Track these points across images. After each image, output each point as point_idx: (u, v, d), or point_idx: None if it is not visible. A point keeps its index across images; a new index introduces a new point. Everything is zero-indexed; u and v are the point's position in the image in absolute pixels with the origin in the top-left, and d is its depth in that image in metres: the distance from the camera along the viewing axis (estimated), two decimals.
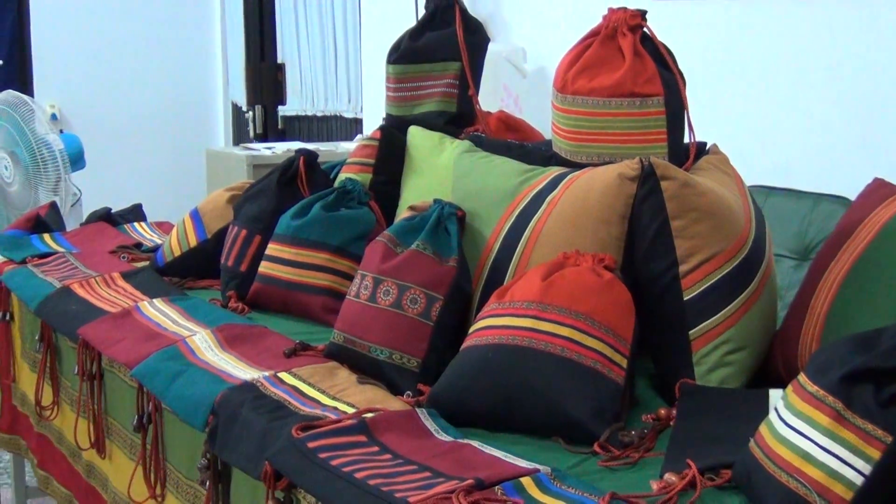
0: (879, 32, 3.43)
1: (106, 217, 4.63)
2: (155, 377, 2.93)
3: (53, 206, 4.84)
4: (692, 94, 2.89)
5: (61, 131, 6.60)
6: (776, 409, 2.03)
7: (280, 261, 3.35)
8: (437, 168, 3.38)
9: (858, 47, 3.50)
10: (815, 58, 3.64)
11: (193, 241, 3.77)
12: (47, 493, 3.89)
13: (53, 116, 7.28)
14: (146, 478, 3.04)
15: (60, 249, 4.20)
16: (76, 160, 6.22)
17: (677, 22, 3.92)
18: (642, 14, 2.85)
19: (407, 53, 3.67)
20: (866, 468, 1.85)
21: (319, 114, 7.00)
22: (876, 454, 1.85)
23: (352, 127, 6.69)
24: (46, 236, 4.39)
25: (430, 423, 2.43)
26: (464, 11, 3.72)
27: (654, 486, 2.08)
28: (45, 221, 4.57)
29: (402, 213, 3.02)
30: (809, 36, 3.65)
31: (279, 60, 7.32)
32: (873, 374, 1.90)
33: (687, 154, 2.87)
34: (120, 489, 3.27)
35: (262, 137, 7.39)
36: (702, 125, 2.95)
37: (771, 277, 2.76)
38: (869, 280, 2.49)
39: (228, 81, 7.73)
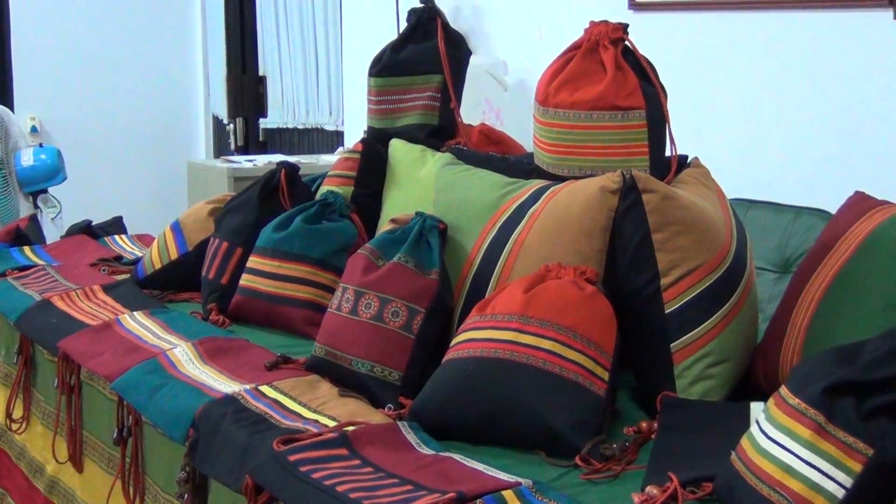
0: (859, 49, 3.44)
1: (86, 230, 4.61)
2: (135, 390, 2.92)
3: (34, 219, 4.82)
4: (673, 108, 2.90)
5: (41, 144, 6.58)
6: (757, 422, 2.03)
7: (261, 273, 3.34)
8: (419, 181, 3.39)
9: (839, 63, 3.52)
10: (795, 73, 3.65)
11: (174, 254, 3.76)
12: None
13: (34, 129, 7.27)
14: (125, 491, 3.03)
15: (41, 262, 4.18)
16: (53, 174, 6.20)
17: (659, 36, 3.93)
18: (624, 27, 2.86)
19: (389, 66, 3.67)
20: (847, 481, 1.85)
21: (301, 126, 6.99)
22: (857, 467, 1.85)
23: (333, 139, 6.69)
24: (26, 249, 4.37)
25: (411, 437, 2.43)
26: (446, 25, 3.72)
27: (636, 499, 2.08)
28: (26, 234, 4.55)
29: (384, 226, 3.02)
30: (790, 51, 3.66)
31: (260, 73, 7.32)
32: (854, 387, 1.90)
33: (668, 167, 2.87)
34: (90, 503, 3.26)
35: (244, 150, 7.38)
36: (683, 138, 2.96)
37: (752, 290, 2.77)
38: (850, 293, 2.50)
39: (209, 94, 7.71)
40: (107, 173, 7.44)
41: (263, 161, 5.97)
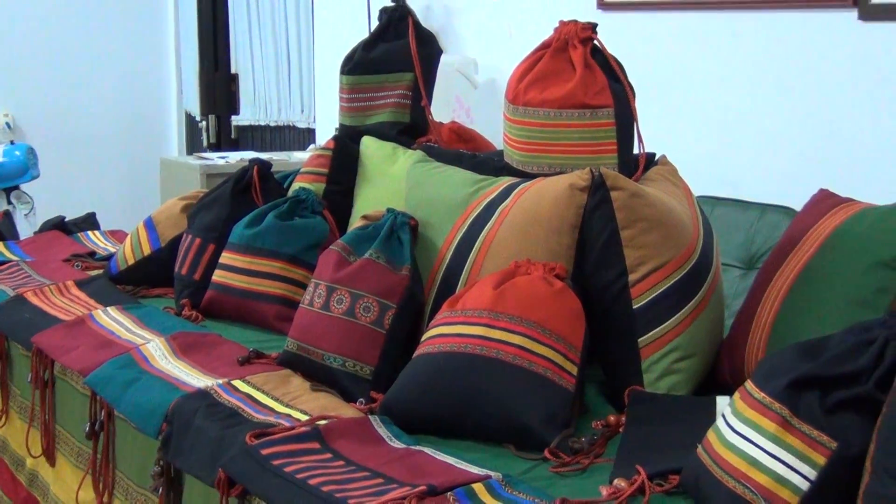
0: (824, 49, 3.46)
1: (60, 226, 4.59)
2: (108, 385, 2.91)
3: (7, 215, 4.80)
4: (642, 106, 2.91)
5: (11, 142, 6.55)
6: (723, 416, 2.04)
7: (234, 269, 3.34)
8: (390, 178, 3.39)
9: (805, 62, 3.53)
10: (762, 72, 3.66)
11: (147, 250, 3.75)
12: None
13: (7, 126, 7.23)
14: (95, 485, 3.02)
15: (14, 258, 4.16)
16: (26, 170, 6.18)
17: (627, 35, 3.94)
18: (593, 27, 2.87)
19: (360, 64, 3.67)
20: (812, 474, 1.86)
21: (273, 123, 6.97)
22: (821, 460, 1.86)
23: (305, 137, 6.67)
24: (0, 245, 4.35)
25: (382, 431, 2.43)
26: (417, 24, 3.72)
27: (604, 491, 2.09)
28: None
29: (356, 223, 3.02)
30: (756, 50, 3.68)
31: (233, 70, 7.28)
32: (819, 381, 1.92)
33: (636, 165, 2.88)
34: (62, 498, 3.26)
35: (216, 147, 7.35)
36: (651, 137, 2.97)
37: (718, 286, 2.78)
38: (814, 289, 2.51)
39: (182, 91, 7.68)
40: (80, 169, 7.40)
41: (236, 158, 5.95)
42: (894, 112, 3.29)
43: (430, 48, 3.74)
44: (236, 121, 7.29)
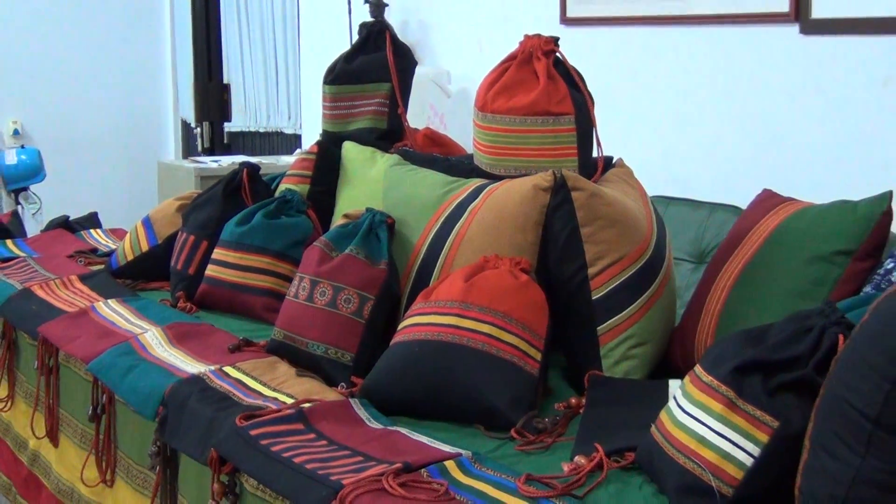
0: (768, 60, 3.47)
1: (64, 224, 4.57)
2: (109, 371, 2.90)
3: (15, 215, 4.77)
4: (600, 114, 2.91)
5: (22, 146, 6.52)
6: (675, 398, 2.04)
7: (225, 264, 3.33)
8: (369, 179, 3.38)
9: (750, 73, 3.54)
10: (711, 82, 3.67)
11: (145, 247, 3.74)
12: None
13: (16, 132, 7.19)
14: (98, 464, 3.01)
15: (22, 254, 4.15)
16: (34, 172, 6.15)
17: (588, 48, 3.95)
18: (555, 40, 2.87)
19: (342, 75, 3.66)
20: (756, 450, 1.86)
21: (262, 130, 6.95)
22: (764, 438, 1.87)
23: (292, 142, 6.65)
24: (9, 242, 4.33)
25: (362, 412, 2.43)
26: (394, 37, 3.71)
27: (566, 467, 2.09)
28: (8, 228, 4.51)
29: (337, 221, 3.01)
30: (706, 62, 3.69)
31: (225, 80, 7.26)
32: (762, 365, 1.92)
33: (595, 167, 2.88)
34: (64, 476, 3.24)
35: (210, 151, 7.32)
36: (609, 141, 2.97)
37: (671, 279, 2.78)
38: (758, 281, 2.52)
39: (178, 100, 7.65)
40: (83, 172, 7.38)
41: (228, 161, 5.92)
42: (832, 118, 3.30)
43: (406, 60, 3.73)
44: (228, 127, 7.28)
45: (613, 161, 3.01)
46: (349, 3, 5.31)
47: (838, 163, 3.29)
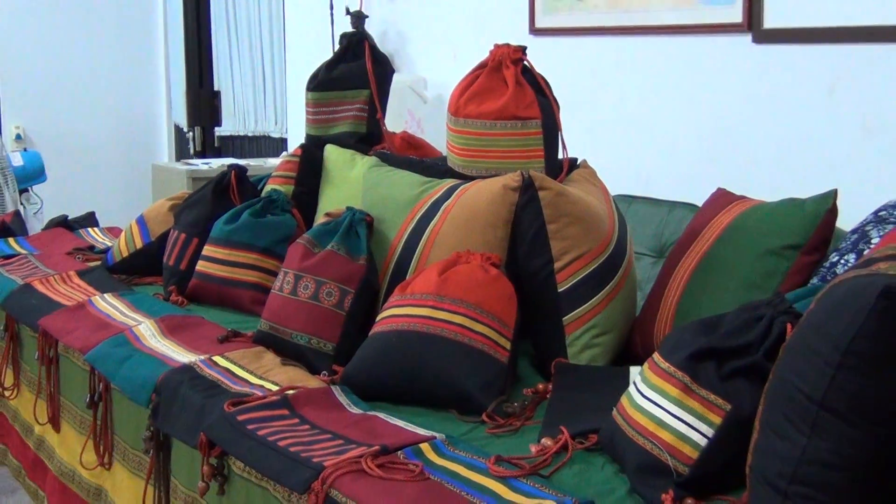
0: (723, 68, 3.47)
1: (63, 223, 4.55)
2: (105, 361, 2.89)
3: (17, 214, 4.75)
4: (566, 118, 2.91)
5: (25, 149, 6.48)
6: (634, 383, 2.05)
7: (214, 260, 3.32)
8: (350, 180, 3.38)
9: (706, 80, 3.54)
10: (670, 88, 3.68)
11: (139, 244, 3.72)
12: (4, 464, 3.82)
13: (18, 136, 7.16)
14: (96, 448, 3.00)
15: (23, 251, 4.13)
16: (36, 174, 6.12)
17: (555, 56, 3.95)
18: (523, 49, 2.87)
19: (324, 82, 3.65)
20: (710, 432, 1.87)
21: (250, 134, 6.93)
22: (718, 420, 1.87)
23: (279, 145, 6.63)
24: (11, 240, 4.31)
25: (343, 398, 2.42)
26: (373, 47, 3.71)
27: (533, 449, 2.09)
28: (10, 227, 4.49)
29: (320, 219, 3.01)
30: (665, 70, 3.69)
31: (215, 88, 7.24)
32: (715, 352, 1.93)
33: (561, 168, 2.89)
34: (66, 459, 3.23)
35: (201, 154, 7.30)
36: (574, 144, 2.98)
37: (632, 272, 2.79)
38: (712, 274, 2.53)
39: (171, 106, 7.62)
40: (82, 174, 7.34)
41: (218, 164, 5.90)
42: (782, 122, 3.31)
43: (384, 68, 3.73)
44: (219, 131, 7.25)
45: (578, 162, 3.01)
46: (331, 14, 5.30)
47: (788, 163, 3.29)
